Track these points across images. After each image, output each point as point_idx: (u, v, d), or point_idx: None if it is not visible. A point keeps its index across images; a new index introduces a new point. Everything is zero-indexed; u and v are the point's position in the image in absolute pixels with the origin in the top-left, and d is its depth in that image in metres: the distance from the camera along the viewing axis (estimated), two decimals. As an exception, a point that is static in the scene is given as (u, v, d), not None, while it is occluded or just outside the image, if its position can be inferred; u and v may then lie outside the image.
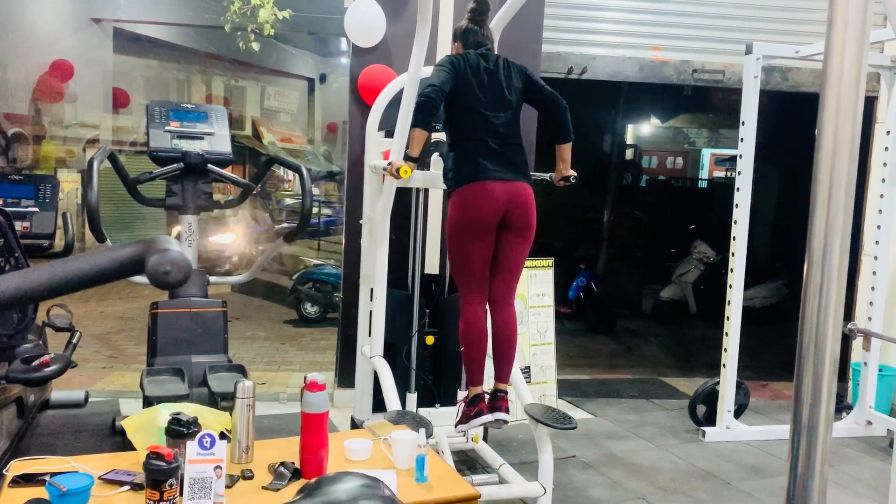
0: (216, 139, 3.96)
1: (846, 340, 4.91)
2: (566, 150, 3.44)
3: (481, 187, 3.19)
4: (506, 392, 3.40)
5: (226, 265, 8.83)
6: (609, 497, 3.68)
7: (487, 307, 3.40)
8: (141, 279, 4.03)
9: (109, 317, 7.83)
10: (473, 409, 3.36)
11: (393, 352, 3.89)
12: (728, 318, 4.50)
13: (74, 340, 3.34)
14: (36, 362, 2.82)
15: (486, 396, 3.40)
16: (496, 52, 3.42)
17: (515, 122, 3.35)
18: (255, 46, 5.97)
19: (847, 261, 0.99)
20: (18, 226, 3.78)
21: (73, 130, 10.07)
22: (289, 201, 13.31)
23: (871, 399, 4.75)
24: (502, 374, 3.42)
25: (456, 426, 3.45)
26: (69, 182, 9.57)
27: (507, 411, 3.38)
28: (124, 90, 10.86)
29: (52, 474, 2.05)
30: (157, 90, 12.25)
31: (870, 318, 4.72)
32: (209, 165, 3.89)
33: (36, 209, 3.86)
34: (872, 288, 4.73)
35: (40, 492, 1.99)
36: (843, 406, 4.92)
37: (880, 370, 4.81)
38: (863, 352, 4.78)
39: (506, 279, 3.37)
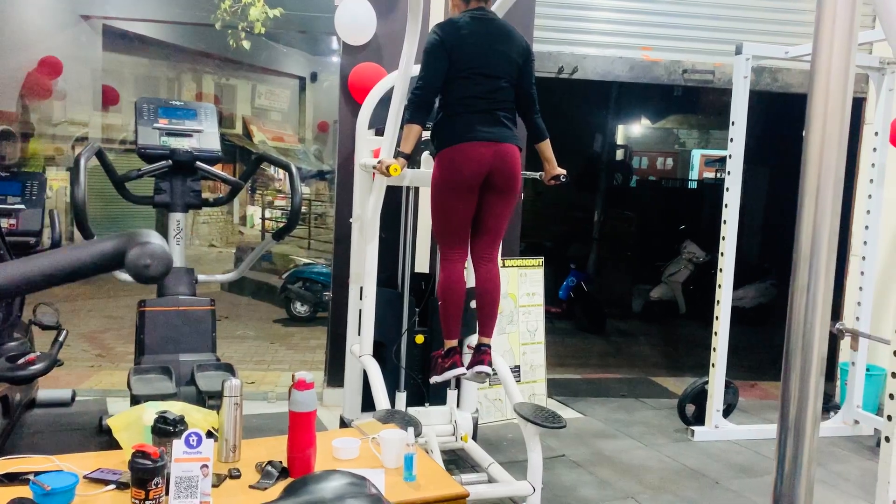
0: (205, 136, 3.94)
1: (834, 340, 4.94)
2: (547, 149, 3.45)
3: (467, 147, 3.18)
4: (489, 346, 3.43)
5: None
6: (598, 496, 3.68)
7: (469, 264, 3.42)
8: (126, 277, 4.01)
9: (97, 315, 7.78)
10: (448, 360, 3.38)
11: (382, 351, 3.88)
12: (717, 317, 4.51)
13: (61, 338, 3.31)
14: (21, 360, 2.80)
15: (470, 352, 3.43)
16: (493, 14, 3.34)
17: (510, 87, 3.30)
18: (246, 45, 5.94)
19: (834, 260, 0.99)
20: (4, 223, 3.76)
21: (61, 128, 10.01)
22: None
23: (859, 398, 4.78)
24: (486, 328, 3.45)
25: (430, 378, 3.46)
26: (57, 180, 9.52)
27: (490, 364, 3.40)
28: (113, 88, 10.81)
29: (37, 473, 2.03)
30: (147, 88, 12.19)
31: (858, 318, 4.75)
32: (198, 163, 3.86)
33: (22, 206, 3.83)
34: (860, 288, 4.76)
35: (24, 491, 1.97)
36: (830, 406, 4.94)
37: (868, 370, 4.84)
38: (851, 351, 4.80)
39: (489, 238, 3.39)
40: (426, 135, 3.53)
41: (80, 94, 10.13)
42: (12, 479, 2.08)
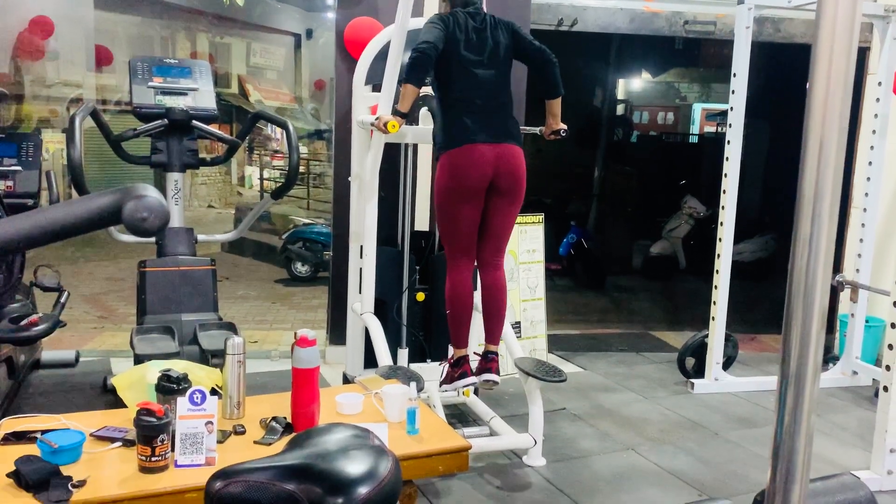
0: (200, 95, 3.89)
1: (834, 292, 4.95)
2: (556, 105, 3.40)
3: (469, 150, 3.15)
4: (496, 353, 3.42)
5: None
6: (599, 448, 3.73)
7: (476, 270, 3.40)
8: (125, 237, 4.01)
9: (99, 277, 7.80)
10: (457, 370, 3.39)
11: (384, 308, 3.90)
12: (717, 271, 4.52)
13: (63, 300, 3.32)
14: (24, 322, 2.81)
15: (477, 358, 3.43)
16: (484, 10, 3.35)
17: (505, 81, 3.30)
18: (240, 1, 5.83)
19: (837, 212, 0.98)
20: (1, 185, 3.74)
21: (55, 89, 9.91)
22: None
23: (858, 350, 4.81)
24: (492, 335, 3.44)
25: (440, 385, 3.48)
26: (53, 143, 9.44)
27: (498, 372, 3.40)
28: (107, 48, 10.65)
29: (44, 432, 2.05)
30: (141, 48, 12.02)
31: (857, 270, 4.75)
32: (194, 122, 3.83)
33: (19, 168, 3.81)
34: (861, 240, 4.75)
35: (32, 449, 2.00)
36: (829, 357, 4.98)
37: (867, 321, 4.86)
38: (850, 303, 4.82)
39: (494, 242, 3.37)
40: (424, 90, 3.49)
41: (72, 55, 10.01)
42: (20, 437, 2.11)
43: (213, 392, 2.25)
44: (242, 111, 13.79)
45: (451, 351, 3.52)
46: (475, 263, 3.41)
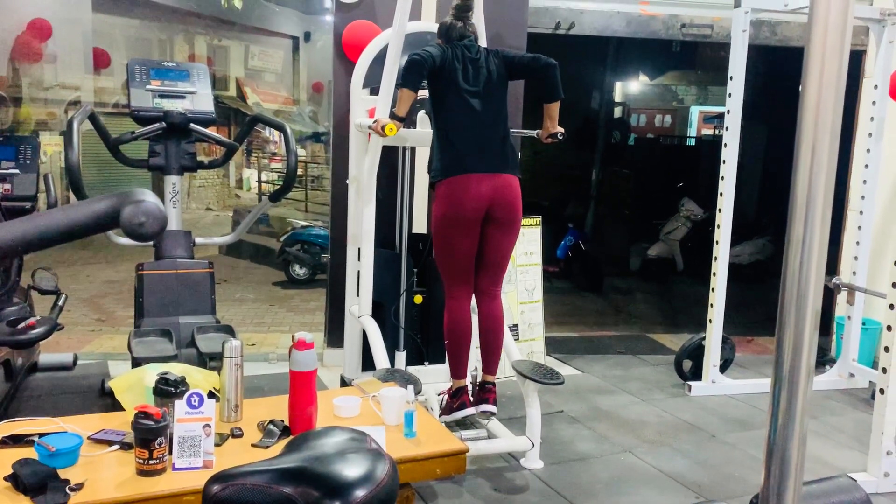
0: (198, 98, 3.90)
1: (830, 295, 4.96)
2: (554, 109, 3.41)
3: (465, 181, 3.16)
4: (493, 384, 3.42)
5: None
6: (596, 450, 3.74)
7: (473, 299, 3.40)
8: (123, 239, 4.01)
9: (96, 280, 7.80)
10: (456, 401, 3.39)
11: (381, 311, 3.90)
12: (715, 274, 4.52)
13: (60, 303, 3.32)
14: (22, 325, 2.81)
15: (474, 388, 3.43)
16: (478, 44, 3.38)
17: (502, 110, 3.32)
18: (238, 4, 5.85)
19: (830, 214, 0.98)
20: (-1, 188, 3.73)
21: (53, 92, 9.91)
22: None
23: (855, 352, 4.82)
24: (489, 366, 3.44)
25: (440, 416, 3.47)
26: (51, 146, 9.45)
27: (495, 403, 3.40)
28: (105, 50, 10.66)
29: (41, 435, 2.05)
30: (139, 50, 12.03)
31: (854, 273, 4.76)
32: (192, 125, 3.83)
33: (17, 171, 3.80)
34: (857, 242, 4.76)
35: (29, 452, 2.00)
36: (826, 359, 4.99)
37: (864, 324, 4.88)
38: (847, 306, 4.83)
39: (491, 272, 3.37)
40: (421, 94, 3.50)
41: (70, 57, 10.01)
42: (17, 440, 2.11)
43: (211, 395, 2.25)
44: (240, 114, 13.80)
45: (447, 374, 3.51)
46: (473, 293, 3.41)
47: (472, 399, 3.41)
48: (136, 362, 3.12)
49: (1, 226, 0.91)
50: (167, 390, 2.17)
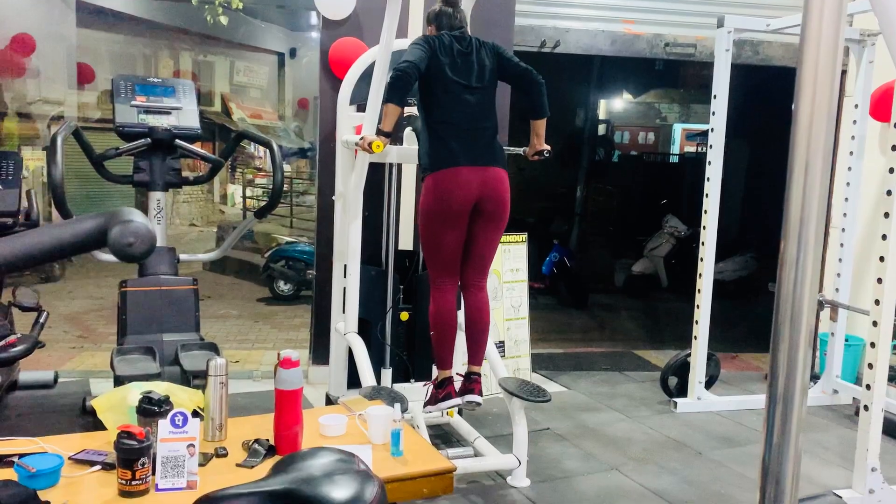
0: (184, 114, 3.88)
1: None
2: (541, 126, 3.42)
3: (454, 173, 3.16)
4: (479, 374, 3.42)
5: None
6: (583, 468, 3.72)
7: (459, 291, 3.40)
8: (107, 257, 3.97)
9: (78, 297, 7.72)
10: (442, 391, 3.38)
11: (367, 328, 3.88)
12: (699, 290, 4.54)
13: (42, 320, 3.28)
14: (2, 343, 2.76)
15: (460, 379, 3.42)
16: (469, 34, 3.37)
17: (491, 104, 3.32)
18: (224, 20, 5.84)
19: (822, 233, 0.99)
20: (-19, 204, 3.68)
21: (36, 107, 9.83)
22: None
23: (838, 368, 4.85)
24: (475, 356, 3.43)
25: (424, 406, 3.47)
26: (34, 161, 9.36)
27: (480, 393, 3.40)
28: (89, 65, 10.61)
29: (21, 455, 2.01)
30: (123, 65, 11.99)
31: (837, 290, 4.80)
32: (177, 141, 3.81)
33: (-1, 187, 3.76)
34: (840, 260, 4.81)
35: (9, 473, 1.95)
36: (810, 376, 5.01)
37: (847, 340, 4.91)
38: (830, 322, 4.87)
39: (478, 264, 3.37)
40: (408, 111, 3.50)
41: (54, 72, 9.94)
42: (-4, 461, 2.06)
43: (195, 414, 2.22)
44: (226, 129, 13.77)
45: (434, 372, 3.51)
46: (459, 285, 3.41)
47: (457, 390, 3.40)
48: (119, 380, 3.07)
49: None
50: (150, 409, 2.13)
